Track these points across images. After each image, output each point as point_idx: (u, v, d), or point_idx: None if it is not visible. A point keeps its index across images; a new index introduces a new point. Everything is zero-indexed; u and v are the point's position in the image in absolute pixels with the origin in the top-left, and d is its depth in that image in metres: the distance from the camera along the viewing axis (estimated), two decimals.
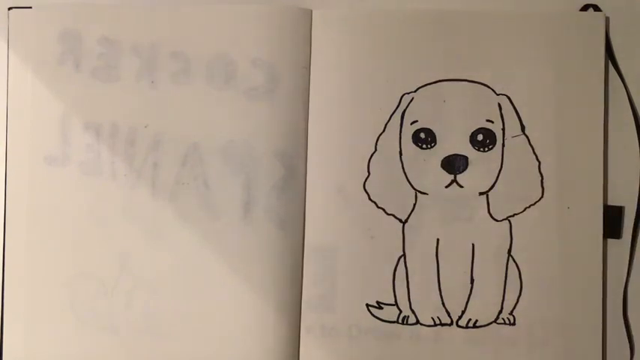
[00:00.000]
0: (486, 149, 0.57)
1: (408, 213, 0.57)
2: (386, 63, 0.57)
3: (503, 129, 0.57)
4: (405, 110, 0.57)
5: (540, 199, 0.57)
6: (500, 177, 0.57)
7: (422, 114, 0.57)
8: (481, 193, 0.57)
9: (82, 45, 0.59)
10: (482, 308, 0.57)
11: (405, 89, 0.58)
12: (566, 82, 0.57)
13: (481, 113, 0.57)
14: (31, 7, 0.59)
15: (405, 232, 0.57)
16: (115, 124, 0.58)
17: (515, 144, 0.57)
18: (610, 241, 0.57)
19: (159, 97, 0.58)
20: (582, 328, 0.56)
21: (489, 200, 0.57)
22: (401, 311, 0.57)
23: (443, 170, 0.57)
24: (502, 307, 0.57)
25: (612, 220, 0.57)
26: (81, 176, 0.58)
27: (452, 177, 0.57)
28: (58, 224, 0.58)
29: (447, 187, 0.57)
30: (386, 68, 0.57)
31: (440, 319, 0.57)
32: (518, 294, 0.56)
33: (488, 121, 0.57)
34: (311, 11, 0.58)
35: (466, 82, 0.57)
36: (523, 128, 0.57)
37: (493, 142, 0.57)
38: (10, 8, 0.59)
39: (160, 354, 0.58)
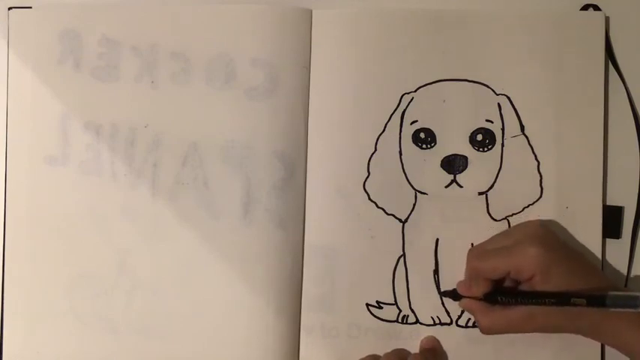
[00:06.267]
0: (486, 149, 0.57)
1: (408, 213, 0.57)
2: (386, 63, 0.57)
3: (503, 129, 0.57)
4: (404, 110, 0.57)
5: (539, 199, 0.57)
6: (499, 177, 0.57)
7: (422, 114, 0.57)
8: (480, 193, 0.57)
9: (82, 45, 0.59)
10: None
11: (405, 89, 0.58)
12: (566, 82, 0.57)
13: (481, 113, 0.57)
14: (31, 7, 0.59)
15: (404, 232, 0.57)
16: (115, 124, 0.58)
17: (514, 144, 0.57)
18: (609, 241, 0.57)
19: (159, 97, 0.58)
20: None
21: (488, 200, 0.57)
22: (400, 311, 0.57)
23: (442, 170, 0.57)
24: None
25: (611, 220, 0.57)
26: (81, 176, 0.58)
27: (451, 177, 0.57)
28: (58, 224, 0.58)
29: (446, 187, 0.57)
30: (386, 68, 0.57)
31: (439, 319, 0.57)
32: None
33: (487, 121, 0.57)
34: (311, 11, 0.58)
35: (466, 82, 0.57)
36: (522, 128, 0.57)
37: (493, 142, 0.57)
38: (10, 8, 0.59)
39: (158, 354, 0.58)
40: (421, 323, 0.57)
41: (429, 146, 0.57)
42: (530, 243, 0.51)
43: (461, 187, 0.57)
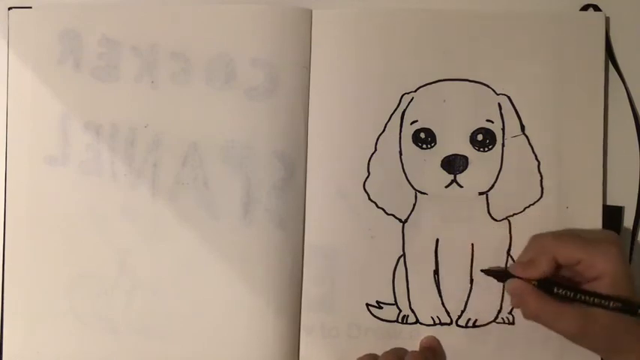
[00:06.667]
0: (486, 149, 0.57)
1: (408, 213, 0.57)
2: (386, 63, 0.57)
3: (503, 129, 0.57)
4: (405, 110, 0.57)
5: (540, 199, 0.57)
6: (499, 177, 0.57)
7: (422, 114, 0.57)
8: (481, 193, 0.57)
9: (82, 45, 0.59)
10: (481, 308, 0.57)
11: (405, 89, 0.58)
12: (566, 82, 0.57)
13: (481, 113, 0.57)
14: (31, 7, 0.59)
15: (404, 232, 0.57)
16: (115, 124, 0.58)
17: (514, 144, 0.57)
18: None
19: (159, 97, 0.58)
20: None
21: (489, 200, 0.57)
22: (400, 311, 0.57)
23: (443, 170, 0.57)
24: (501, 307, 0.57)
25: (611, 221, 0.57)
26: (81, 176, 0.58)
27: (452, 177, 0.57)
28: (58, 224, 0.58)
29: (446, 187, 0.57)
30: (386, 68, 0.57)
31: (439, 319, 0.57)
32: None
33: (488, 121, 0.57)
34: (311, 11, 0.58)
35: (466, 82, 0.57)
36: (523, 128, 0.57)
37: (493, 142, 0.57)
38: (10, 8, 0.59)
39: (158, 354, 0.58)
40: (421, 323, 0.57)
41: (429, 146, 0.57)
42: (612, 244, 0.51)
43: (461, 187, 0.57)
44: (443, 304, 0.57)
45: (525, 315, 0.53)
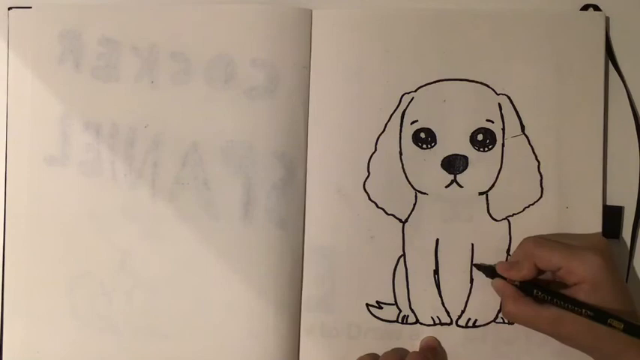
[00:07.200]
0: (486, 149, 0.57)
1: (408, 213, 0.57)
2: (386, 63, 0.57)
3: (504, 129, 0.57)
4: (405, 110, 0.57)
5: (539, 199, 0.57)
6: (499, 177, 0.57)
7: (422, 114, 0.57)
8: (481, 193, 0.57)
9: (82, 45, 0.59)
10: (481, 308, 0.57)
11: (405, 89, 0.58)
12: (566, 82, 0.57)
13: (481, 113, 0.57)
14: (31, 7, 0.59)
15: (404, 232, 0.57)
16: (115, 124, 0.58)
17: (515, 144, 0.57)
18: (609, 241, 0.57)
19: (159, 97, 0.58)
20: None
21: (489, 200, 0.57)
22: (400, 311, 0.57)
23: (443, 170, 0.57)
24: (501, 307, 0.57)
25: (611, 220, 0.57)
26: (81, 176, 0.58)
27: (452, 177, 0.57)
28: (58, 224, 0.58)
29: (446, 187, 0.57)
30: (386, 68, 0.57)
31: (439, 319, 0.57)
32: None
33: (488, 120, 0.57)
34: (311, 11, 0.58)
35: (466, 82, 0.57)
36: (523, 128, 0.57)
37: (493, 142, 0.57)
38: (10, 8, 0.59)
39: (159, 354, 0.58)
40: (421, 323, 0.57)
41: (429, 146, 0.57)
42: (595, 252, 0.51)
43: (461, 187, 0.57)
44: (443, 304, 0.57)
45: (503, 313, 0.55)
